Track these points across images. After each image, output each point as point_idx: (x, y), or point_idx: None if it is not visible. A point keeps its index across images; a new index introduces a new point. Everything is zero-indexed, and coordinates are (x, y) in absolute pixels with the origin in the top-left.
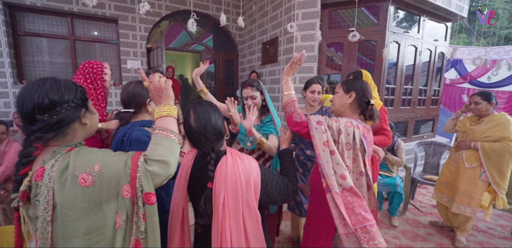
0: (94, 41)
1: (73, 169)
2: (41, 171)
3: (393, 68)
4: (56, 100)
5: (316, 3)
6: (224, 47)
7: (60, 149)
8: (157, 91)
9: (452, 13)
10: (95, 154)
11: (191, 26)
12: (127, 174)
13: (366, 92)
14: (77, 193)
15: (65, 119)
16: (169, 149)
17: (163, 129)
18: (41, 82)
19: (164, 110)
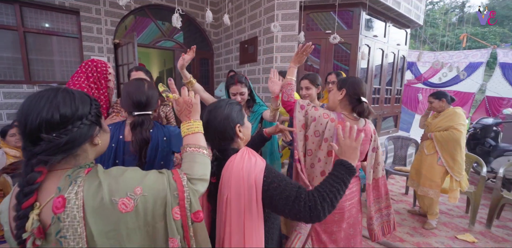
0: (50, 34)
1: (109, 195)
2: (61, 202)
3: (364, 69)
4: (68, 117)
5: (295, 4)
6: (197, 44)
7: (75, 172)
8: (187, 106)
9: (411, 20)
10: (131, 175)
11: (176, 21)
12: (175, 196)
13: (357, 89)
14: (118, 220)
15: (76, 139)
16: (205, 165)
17: (197, 146)
18: (51, 93)
19: (195, 126)
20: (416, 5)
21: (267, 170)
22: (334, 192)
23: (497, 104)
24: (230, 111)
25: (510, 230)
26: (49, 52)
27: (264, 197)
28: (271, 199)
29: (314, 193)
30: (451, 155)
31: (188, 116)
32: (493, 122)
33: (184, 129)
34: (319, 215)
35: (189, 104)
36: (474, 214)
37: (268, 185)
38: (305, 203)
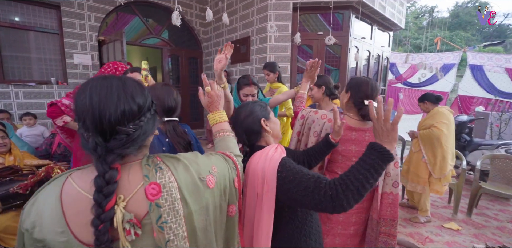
0: (26, 29)
1: (197, 174)
2: (156, 188)
3: (353, 69)
4: (142, 106)
5: (289, 6)
6: (185, 43)
7: (149, 160)
8: (218, 98)
9: (394, 24)
10: (202, 157)
11: (176, 19)
12: (233, 168)
13: (361, 91)
14: (208, 196)
15: (148, 130)
16: (236, 145)
17: (229, 131)
18: (118, 82)
19: (224, 115)
20: (398, 9)
21: (282, 165)
22: (361, 180)
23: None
24: (253, 107)
25: (487, 217)
26: (26, 49)
27: (281, 192)
28: (288, 193)
29: (336, 181)
30: (432, 152)
31: (218, 107)
32: (468, 119)
33: (216, 118)
34: (342, 204)
35: (219, 96)
36: (457, 204)
37: (283, 180)
38: (326, 192)
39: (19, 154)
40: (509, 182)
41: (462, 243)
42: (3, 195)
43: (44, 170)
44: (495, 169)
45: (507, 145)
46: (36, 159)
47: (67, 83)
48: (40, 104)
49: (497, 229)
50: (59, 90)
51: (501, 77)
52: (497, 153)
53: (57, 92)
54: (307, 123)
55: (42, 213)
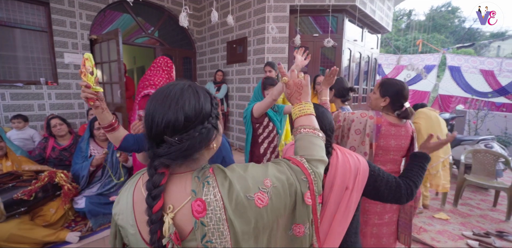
0: (12, 26)
1: (243, 192)
2: (201, 205)
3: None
4: (192, 119)
5: (286, 8)
6: (178, 42)
7: (200, 172)
8: (298, 88)
9: (382, 27)
10: (254, 169)
11: (183, 20)
12: (303, 180)
13: (401, 97)
14: (256, 216)
15: (196, 145)
16: (322, 148)
17: (312, 127)
18: (177, 91)
19: (307, 108)
20: (386, 13)
21: (369, 164)
22: (420, 179)
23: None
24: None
25: (471, 206)
26: (11, 47)
27: (371, 188)
28: (377, 190)
29: (409, 182)
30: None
31: (299, 98)
32: (450, 116)
33: (296, 111)
34: (413, 197)
35: (299, 86)
36: (445, 196)
37: (375, 178)
38: (405, 189)
39: (16, 158)
40: (489, 174)
41: (452, 231)
42: (7, 202)
43: (47, 175)
44: (477, 163)
45: (486, 140)
46: (34, 163)
47: (58, 83)
48: (29, 106)
49: (480, 217)
50: (49, 91)
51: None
52: (477, 148)
53: (47, 93)
54: (345, 124)
55: (124, 204)
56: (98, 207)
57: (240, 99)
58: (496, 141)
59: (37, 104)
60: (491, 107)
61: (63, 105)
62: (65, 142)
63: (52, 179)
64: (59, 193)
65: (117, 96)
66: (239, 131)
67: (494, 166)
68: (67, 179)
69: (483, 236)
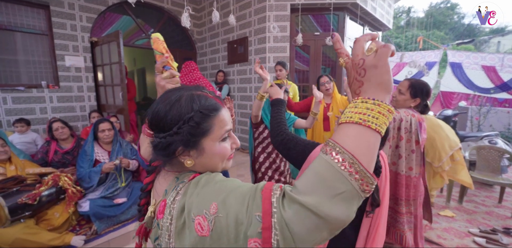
0: (13, 30)
1: (189, 209)
2: (163, 206)
3: None
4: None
5: (286, 7)
6: (178, 43)
7: (183, 175)
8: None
9: (383, 24)
10: (215, 186)
11: (185, 20)
12: (257, 219)
13: (428, 97)
14: (196, 243)
15: (160, 150)
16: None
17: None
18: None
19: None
20: (387, 10)
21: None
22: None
23: (450, 98)
24: None
25: (476, 203)
26: (12, 51)
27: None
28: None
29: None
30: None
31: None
32: (452, 113)
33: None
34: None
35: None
36: (449, 193)
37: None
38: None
39: (19, 162)
40: (494, 170)
41: (458, 229)
42: (12, 206)
43: (51, 178)
44: (481, 159)
45: (490, 137)
46: (37, 167)
47: (59, 86)
48: (30, 110)
49: (486, 214)
50: (50, 94)
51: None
52: (481, 144)
53: (48, 96)
54: (395, 124)
55: None
56: (103, 210)
57: (242, 99)
58: (500, 137)
59: (39, 107)
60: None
61: (65, 108)
62: (67, 146)
63: (56, 182)
64: (63, 197)
65: (119, 98)
66: (241, 132)
67: (499, 162)
68: (71, 183)
69: (489, 233)
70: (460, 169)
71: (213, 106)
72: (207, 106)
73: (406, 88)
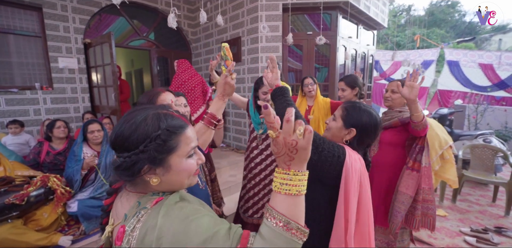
0: (5, 32)
1: (157, 243)
2: (121, 233)
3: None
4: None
5: (278, 6)
6: (173, 44)
7: (145, 199)
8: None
9: (378, 23)
10: (195, 228)
11: (172, 21)
12: None
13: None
14: None
15: (123, 170)
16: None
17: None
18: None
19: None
20: (382, 9)
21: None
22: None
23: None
24: None
25: (470, 202)
26: (5, 53)
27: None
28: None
29: None
30: None
31: (288, 164)
32: (448, 111)
33: (277, 183)
34: None
35: (292, 148)
36: (443, 192)
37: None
38: None
39: (8, 164)
40: (488, 169)
41: (450, 228)
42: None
43: (40, 179)
44: (475, 158)
45: (484, 135)
46: (27, 169)
47: (53, 88)
48: (24, 111)
49: (479, 213)
50: (44, 96)
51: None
52: (476, 143)
53: (42, 98)
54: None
55: None
56: (91, 210)
57: None
58: (494, 136)
59: (33, 109)
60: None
61: (58, 110)
62: (59, 146)
63: (45, 183)
64: (52, 197)
65: (112, 99)
66: (236, 132)
67: (493, 161)
68: (60, 183)
69: (481, 232)
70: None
71: (179, 124)
72: (174, 124)
73: (397, 88)
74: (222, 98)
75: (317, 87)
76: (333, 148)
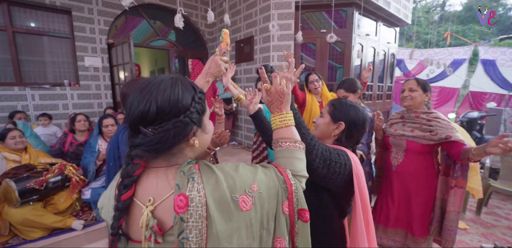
0: (41, 34)
1: (229, 192)
2: (183, 201)
3: (358, 66)
4: (165, 111)
5: (291, 4)
6: (191, 44)
7: (185, 168)
8: (279, 96)
9: (400, 19)
10: (244, 171)
11: (178, 21)
12: (284, 189)
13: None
14: (239, 220)
15: (169, 139)
16: (303, 162)
17: (293, 140)
18: (155, 82)
19: (289, 118)
20: (404, 4)
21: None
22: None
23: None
24: None
25: (497, 216)
26: (40, 53)
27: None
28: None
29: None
30: None
31: (280, 107)
32: (478, 115)
33: (277, 121)
34: None
35: (281, 94)
36: (465, 203)
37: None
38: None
39: (34, 152)
40: None
41: (470, 243)
42: (21, 190)
43: (57, 167)
44: (506, 167)
45: None
46: (49, 157)
47: (79, 84)
48: (54, 105)
49: (507, 228)
50: (71, 92)
51: None
52: None
53: (70, 93)
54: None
55: (107, 197)
56: None
57: None
58: None
59: (62, 103)
60: None
61: (84, 105)
62: (81, 138)
63: (62, 171)
64: (68, 184)
65: None
66: (248, 130)
67: None
68: (75, 172)
69: None
70: (472, 175)
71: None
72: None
73: (416, 85)
74: (205, 77)
75: (323, 83)
76: (338, 156)
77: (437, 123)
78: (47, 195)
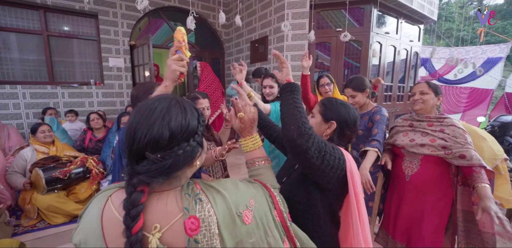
0: (71, 37)
1: (235, 208)
2: (195, 223)
3: (376, 66)
4: (177, 136)
5: (306, 3)
6: (209, 44)
7: (188, 189)
8: (251, 123)
9: (425, 16)
10: (243, 187)
11: (190, 23)
12: (270, 201)
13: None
14: (244, 232)
15: (180, 163)
16: (274, 176)
17: (266, 158)
18: (164, 106)
19: (258, 140)
20: (429, 0)
21: None
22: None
23: None
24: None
25: None
26: (70, 54)
27: None
28: None
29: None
30: None
31: (250, 132)
32: None
33: (250, 145)
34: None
35: (253, 121)
36: None
37: None
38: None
39: (60, 145)
40: None
41: None
42: (48, 178)
43: (80, 159)
44: None
45: None
46: (74, 150)
47: (104, 84)
48: (81, 103)
49: None
50: (97, 91)
51: None
52: None
53: (95, 92)
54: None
55: (87, 232)
56: None
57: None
58: None
59: (88, 101)
60: None
61: (107, 103)
62: (100, 135)
63: (83, 163)
64: (88, 176)
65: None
66: None
67: None
68: (95, 165)
69: None
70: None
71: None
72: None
73: (427, 88)
74: (164, 82)
75: (334, 86)
76: (333, 150)
77: (451, 137)
78: (69, 185)
